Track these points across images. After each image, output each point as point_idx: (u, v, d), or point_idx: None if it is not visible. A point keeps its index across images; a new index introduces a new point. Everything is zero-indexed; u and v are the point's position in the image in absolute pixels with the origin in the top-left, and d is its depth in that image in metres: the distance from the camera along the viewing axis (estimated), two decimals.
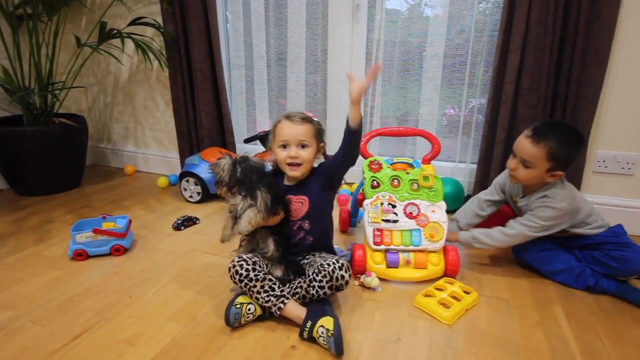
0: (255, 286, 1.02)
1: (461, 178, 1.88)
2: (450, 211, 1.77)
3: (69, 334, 1.03)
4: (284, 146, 1.10)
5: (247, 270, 1.03)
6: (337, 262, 1.03)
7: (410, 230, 1.30)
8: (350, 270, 1.06)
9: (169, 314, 1.11)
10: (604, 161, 1.60)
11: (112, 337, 1.02)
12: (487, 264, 1.39)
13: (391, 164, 1.42)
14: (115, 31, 2.04)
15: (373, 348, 0.98)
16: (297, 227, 1.15)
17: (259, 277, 1.03)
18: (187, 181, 1.92)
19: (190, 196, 1.94)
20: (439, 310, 1.09)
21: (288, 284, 1.09)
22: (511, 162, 1.25)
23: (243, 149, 2.11)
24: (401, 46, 1.91)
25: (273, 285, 1.04)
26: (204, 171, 1.85)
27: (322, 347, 0.97)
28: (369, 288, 1.22)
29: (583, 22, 1.42)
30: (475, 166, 1.79)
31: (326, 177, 1.15)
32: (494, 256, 1.45)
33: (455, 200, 1.79)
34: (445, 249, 1.30)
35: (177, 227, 1.64)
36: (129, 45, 2.14)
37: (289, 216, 1.13)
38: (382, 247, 1.28)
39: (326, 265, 1.02)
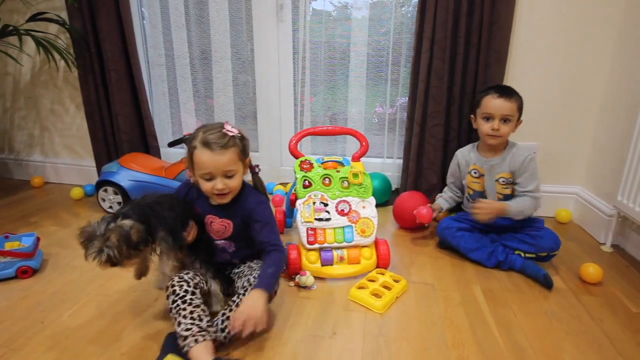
0: (185, 309, 0.92)
1: (389, 173, 1.97)
2: (378, 205, 1.86)
3: None
4: (209, 178, 1.00)
5: (185, 291, 0.94)
6: None
7: (343, 227, 1.33)
8: (279, 277, 1.02)
9: (89, 336, 1.02)
10: None
11: None
12: (415, 253, 1.47)
13: (322, 163, 1.44)
14: (11, 27, 1.80)
15: (309, 345, 0.99)
16: (221, 248, 1.11)
17: (193, 302, 0.93)
18: (106, 191, 1.77)
19: (110, 207, 1.80)
20: (371, 301, 1.14)
21: (221, 315, 0.99)
22: (493, 124, 1.35)
23: (167, 153, 2.01)
24: (327, 46, 1.95)
25: (203, 316, 0.92)
26: (124, 179, 1.72)
27: None
28: (304, 287, 1.22)
29: (485, 25, 1.56)
30: (401, 160, 1.90)
31: (246, 222, 1.08)
32: (421, 245, 1.54)
33: (383, 194, 1.88)
34: (376, 243, 1.36)
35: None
36: (30, 43, 1.92)
37: (206, 232, 1.09)
38: (316, 245, 1.30)
39: (252, 279, 1.00)
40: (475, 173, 1.44)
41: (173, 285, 0.96)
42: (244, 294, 0.99)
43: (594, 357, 0.96)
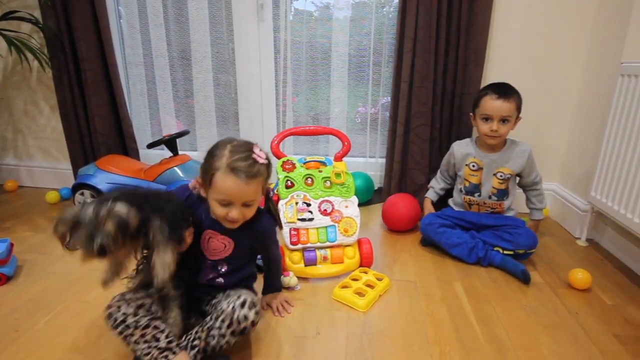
0: (133, 334, 0.82)
1: (372, 172, 1.98)
2: (361, 204, 1.88)
3: None
4: (226, 204, 0.89)
5: (124, 314, 0.84)
6: (239, 297, 0.86)
7: (326, 227, 1.33)
8: (257, 306, 0.88)
9: (66, 344, 0.99)
10: None
11: None
12: (398, 252, 1.49)
13: (304, 163, 1.44)
14: None
15: (293, 345, 0.99)
16: (211, 267, 0.98)
17: (140, 323, 0.83)
18: (82, 194, 1.73)
19: None
20: (354, 300, 1.14)
21: (186, 335, 0.90)
22: (492, 126, 1.38)
23: (146, 155, 1.97)
24: (309, 46, 1.95)
25: (158, 335, 0.83)
26: (101, 182, 1.68)
27: None
28: (288, 288, 1.22)
29: (463, 26, 1.59)
30: (384, 160, 1.91)
31: (252, 243, 1.00)
32: (403, 243, 1.56)
33: (366, 193, 1.89)
34: (359, 242, 1.36)
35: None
36: (1, 43, 1.85)
37: (198, 245, 0.96)
38: (300, 246, 1.30)
39: (225, 305, 0.85)
40: (473, 166, 1.47)
41: (110, 307, 0.86)
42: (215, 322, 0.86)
43: (570, 349, 0.99)
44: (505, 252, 1.37)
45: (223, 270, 0.98)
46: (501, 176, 1.43)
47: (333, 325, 1.07)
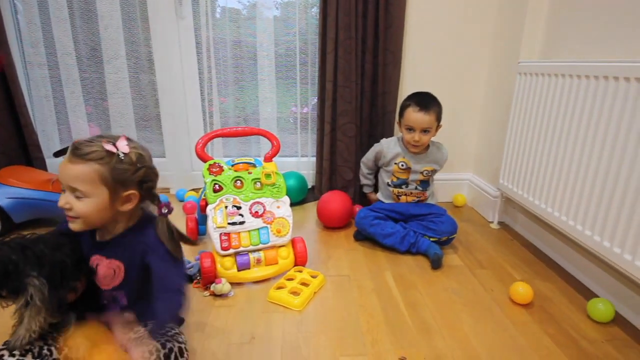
0: None
1: (305, 171, 2.00)
2: (295, 203, 1.89)
3: None
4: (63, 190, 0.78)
5: None
6: (164, 347, 0.77)
7: (258, 229, 1.31)
8: (187, 353, 0.81)
9: None
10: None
11: None
12: (332, 248, 1.52)
13: (232, 165, 1.40)
14: None
15: (227, 353, 0.96)
16: (111, 299, 0.84)
17: None
18: None
19: None
20: (289, 300, 1.14)
21: None
22: (414, 136, 1.47)
23: (55, 164, 1.79)
24: (234, 45, 1.90)
25: None
26: (1, 197, 1.48)
27: None
28: (220, 295, 1.18)
29: (381, 28, 1.66)
30: (314, 158, 1.93)
31: (139, 264, 0.81)
32: (337, 239, 1.59)
33: (300, 193, 1.90)
34: (293, 241, 1.37)
35: None
36: None
37: (94, 283, 0.82)
38: (231, 251, 1.26)
39: (147, 355, 0.73)
40: (402, 165, 1.55)
41: None
42: None
43: (488, 323, 1.09)
44: (432, 239, 1.46)
45: (123, 301, 0.83)
46: (426, 173, 1.55)
47: (269, 327, 1.06)
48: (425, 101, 1.49)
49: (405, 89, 1.78)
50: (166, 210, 0.83)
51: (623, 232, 1.02)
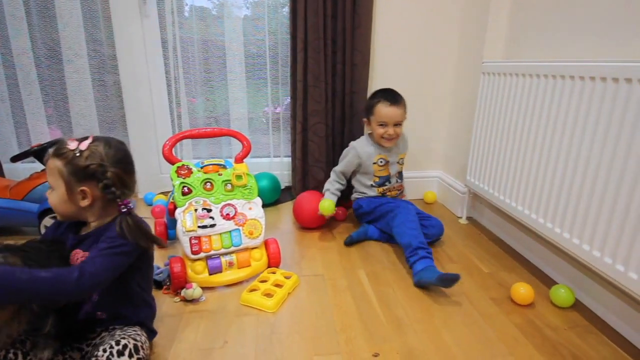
0: None
1: (278, 172, 1.98)
2: (268, 204, 1.87)
3: None
4: None
5: None
6: (118, 343, 0.77)
7: (230, 231, 1.29)
8: (143, 351, 0.80)
9: None
10: None
11: None
12: (305, 247, 1.52)
13: (202, 167, 1.37)
14: None
15: (199, 359, 0.94)
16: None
17: None
18: None
19: None
20: (263, 302, 1.13)
21: None
22: (388, 130, 1.52)
23: (13, 170, 1.70)
24: (202, 45, 1.87)
25: None
26: None
27: None
28: (192, 301, 1.16)
29: (349, 29, 1.68)
30: (289, 159, 1.93)
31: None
32: (310, 239, 1.59)
33: (273, 193, 1.89)
34: (266, 243, 1.35)
35: None
36: None
37: None
38: (202, 254, 1.24)
39: (100, 353, 0.75)
40: (382, 162, 1.58)
41: None
42: None
43: (457, 315, 1.12)
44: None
45: (94, 298, 0.85)
46: (401, 161, 1.64)
47: (242, 331, 1.04)
48: (393, 95, 1.54)
49: (375, 88, 1.79)
50: (125, 209, 0.85)
51: (581, 224, 1.07)
